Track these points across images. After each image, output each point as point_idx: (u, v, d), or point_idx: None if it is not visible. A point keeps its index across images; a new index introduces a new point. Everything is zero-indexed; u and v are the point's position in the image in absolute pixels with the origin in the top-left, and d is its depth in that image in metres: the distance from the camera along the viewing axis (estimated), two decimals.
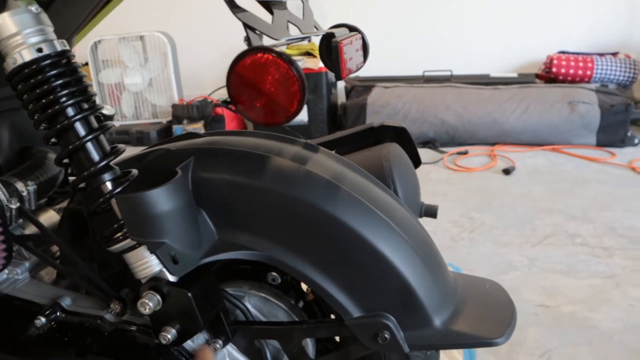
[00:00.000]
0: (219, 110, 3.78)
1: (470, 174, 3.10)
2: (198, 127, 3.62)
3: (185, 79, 4.33)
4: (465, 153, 3.43)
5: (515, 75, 4.03)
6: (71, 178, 1.08)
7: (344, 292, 0.69)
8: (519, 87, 3.60)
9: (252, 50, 0.60)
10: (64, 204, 1.03)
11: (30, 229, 0.91)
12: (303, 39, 0.70)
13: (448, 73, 3.93)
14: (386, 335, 0.69)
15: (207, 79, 4.49)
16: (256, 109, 0.63)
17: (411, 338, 0.71)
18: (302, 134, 3.28)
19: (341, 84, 4.11)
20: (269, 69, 0.60)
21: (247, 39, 0.61)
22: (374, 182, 0.79)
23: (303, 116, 3.62)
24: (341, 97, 4.12)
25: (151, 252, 0.65)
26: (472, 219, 2.42)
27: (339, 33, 0.72)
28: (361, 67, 0.77)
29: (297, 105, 0.62)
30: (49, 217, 0.96)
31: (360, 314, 0.70)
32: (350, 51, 0.71)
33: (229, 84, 0.61)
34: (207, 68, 4.54)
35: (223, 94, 4.18)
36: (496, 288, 0.85)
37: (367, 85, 3.74)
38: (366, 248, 0.68)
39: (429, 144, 3.58)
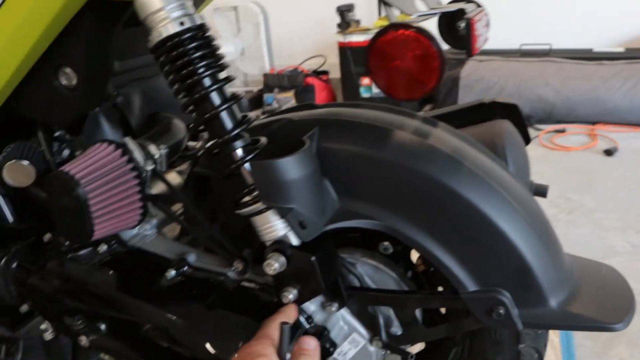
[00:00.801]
0: (310, 80, 3.82)
1: (568, 153, 2.96)
2: (289, 96, 3.68)
3: (276, 48, 4.40)
4: (562, 131, 3.27)
5: (621, 49, 3.75)
6: (191, 143, 1.15)
7: (462, 266, 0.70)
8: (626, 63, 3.36)
9: (393, 26, 0.61)
10: (182, 167, 1.10)
11: (157, 189, 0.98)
12: (434, 14, 0.70)
13: (547, 47, 3.73)
14: (501, 311, 0.69)
15: (298, 49, 4.53)
16: (394, 84, 0.64)
17: (525, 316, 0.70)
18: None
19: None
20: (410, 45, 0.61)
21: (380, 14, 0.61)
22: (492, 158, 0.78)
23: None
24: None
25: (281, 217, 0.69)
26: (570, 200, 2.33)
27: (468, 9, 0.71)
28: (485, 43, 0.76)
29: (437, 81, 0.62)
30: (172, 179, 1.03)
31: (476, 289, 0.71)
32: (479, 27, 0.70)
33: (368, 59, 0.62)
34: (298, 38, 4.57)
35: (313, 64, 4.21)
36: (613, 273, 0.83)
37: (460, 58, 3.63)
38: (486, 224, 0.68)
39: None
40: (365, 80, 3.71)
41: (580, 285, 0.76)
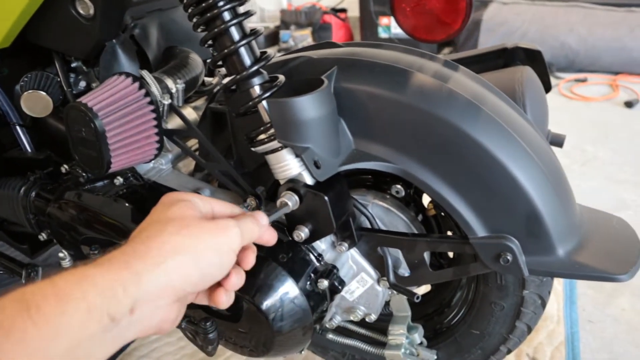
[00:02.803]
0: (327, 18, 3.73)
1: (588, 104, 2.90)
2: (305, 33, 3.61)
3: None
4: (584, 80, 3.19)
5: None
6: (207, 79, 1.15)
7: (473, 211, 0.71)
8: None
9: None
10: (198, 103, 1.10)
11: (173, 124, 0.99)
12: None
13: None
14: (508, 257, 0.70)
15: None
16: (417, 24, 0.63)
17: (532, 263, 0.72)
18: None
19: None
20: None
21: None
22: (511, 105, 0.78)
23: None
24: None
25: (296, 156, 0.70)
26: (584, 151, 2.30)
27: None
28: None
29: (462, 23, 0.61)
30: (188, 114, 1.03)
31: (485, 234, 0.72)
32: None
33: None
34: None
35: (331, 1, 4.10)
36: (623, 225, 0.83)
37: (483, 0, 3.51)
38: (500, 170, 0.68)
39: None
40: (384, 20, 3.61)
41: (589, 236, 0.77)
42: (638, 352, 1.24)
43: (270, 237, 0.66)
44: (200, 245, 0.55)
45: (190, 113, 1.04)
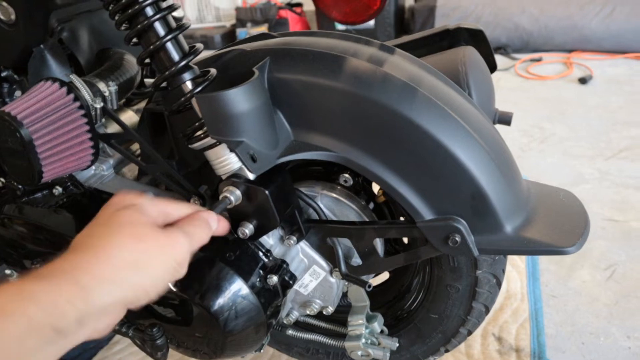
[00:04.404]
0: (283, 13, 3.70)
1: (544, 82, 2.95)
2: (262, 30, 3.57)
3: None
4: (539, 60, 3.24)
5: None
6: (147, 80, 1.11)
7: (417, 195, 0.70)
8: None
9: None
10: (141, 105, 1.07)
11: (112, 129, 0.95)
12: None
13: None
14: (457, 239, 0.70)
15: None
16: (338, 7, 0.61)
17: (481, 242, 0.71)
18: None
19: None
20: None
21: None
22: (451, 85, 0.77)
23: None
24: (409, 0, 3.93)
25: (231, 150, 0.67)
26: (542, 129, 2.34)
27: None
28: None
29: (380, 3, 0.59)
30: (128, 117, 1.00)
31: (432, 217, 0.71)
32: None
33: None
34: None
35: None
36: (570, 198, 0.84)
37: None
38: (442, 151, 0.67)
39: (501, 49, 3.40)
40: None
41: (537, 211, 0.77)
42: (599, 322, 1.26)
43: (222, 229, 0.67)
44: (152, 260, 0.54)
45: (131, 116, 1.01)
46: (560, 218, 0.77)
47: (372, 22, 3.51)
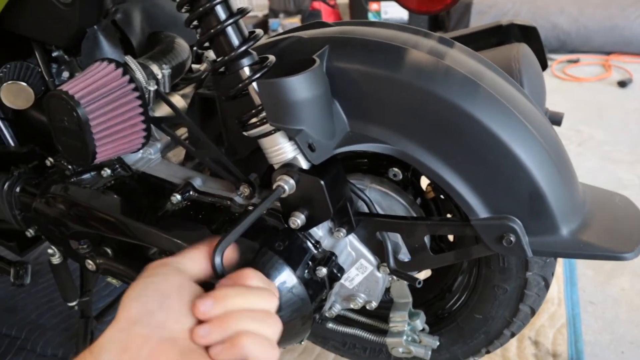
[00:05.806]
0: (316, 4, 3.69)
1: (581, 84, 2.89)
2: (295, 21, 3.57)
3: None
4: (576, 61, 3.17)
5: None
6: (195, 66, 1.11)
7: (474, 192, 0.68)
8: None
9: None
10: (186, 91, 1.06)
11: (160, 112, 0.95)
12: None
13: None
14: (511, 239, 0.68)
15: None
16: None
17: (536, 243, 0.69)
18: None
19: None
20: None
21: None
22: (510, 81, 0.75)
23: (403, 13, 3.46)
24: None
25: (290, 139, 0.67)
26: (579, 132, 2.29)
27: None
28: None
29: None
30: (176, 102, 1.00)
31: (487, 215, 0.69)
32: None
33: None
34: None
35: None
36: (626, 203, 0.82)
37: None
38: (501, 148, 0.65)
39: None
40: (374, 6, 3.57)
41: (593, 214, 0.75)
42: (639, 331, 1.23)
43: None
44: None
45: (178, 101, 1.01)
46: (618, 223, 0.75)
47: (405, 17, 3.47)
